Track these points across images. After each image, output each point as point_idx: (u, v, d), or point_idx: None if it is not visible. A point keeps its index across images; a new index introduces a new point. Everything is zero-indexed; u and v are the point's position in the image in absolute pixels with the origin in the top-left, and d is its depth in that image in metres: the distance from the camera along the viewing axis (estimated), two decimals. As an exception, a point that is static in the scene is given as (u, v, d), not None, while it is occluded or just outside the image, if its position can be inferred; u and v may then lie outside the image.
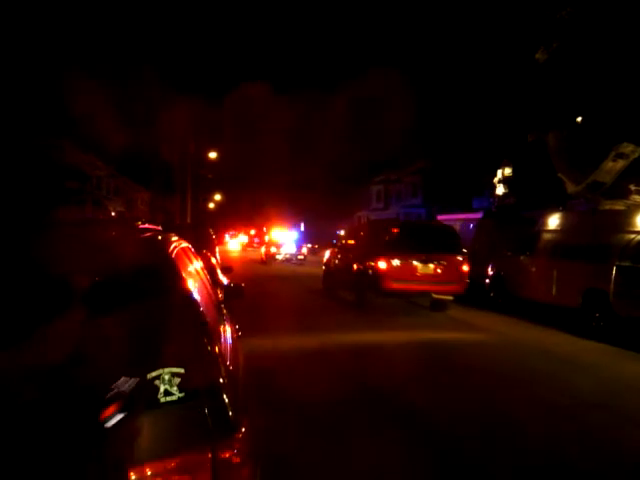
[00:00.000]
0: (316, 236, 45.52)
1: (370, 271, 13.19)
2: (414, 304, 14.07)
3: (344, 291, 15.07)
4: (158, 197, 41.78)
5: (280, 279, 21.75)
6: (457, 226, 17.48)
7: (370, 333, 10.12)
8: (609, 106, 16.72)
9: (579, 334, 10.37)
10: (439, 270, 12.92)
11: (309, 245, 40.28)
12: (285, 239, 36.58)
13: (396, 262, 12.86)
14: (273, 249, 34.54)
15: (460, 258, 13.22)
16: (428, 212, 35.72)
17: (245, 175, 59.20)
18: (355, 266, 14.16)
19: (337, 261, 16.35)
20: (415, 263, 12.86)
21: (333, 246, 18.25)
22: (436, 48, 33.54)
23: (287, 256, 33.45)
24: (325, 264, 17.82)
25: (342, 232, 18.50)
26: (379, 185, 49.77)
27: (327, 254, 18.35)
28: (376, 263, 12.95)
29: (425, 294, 13.20)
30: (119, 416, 1.69)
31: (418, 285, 12.89)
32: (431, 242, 13.37)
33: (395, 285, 12.73)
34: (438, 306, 13.29)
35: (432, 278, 12.89)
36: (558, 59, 17.98)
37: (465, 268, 13.16)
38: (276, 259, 33.04)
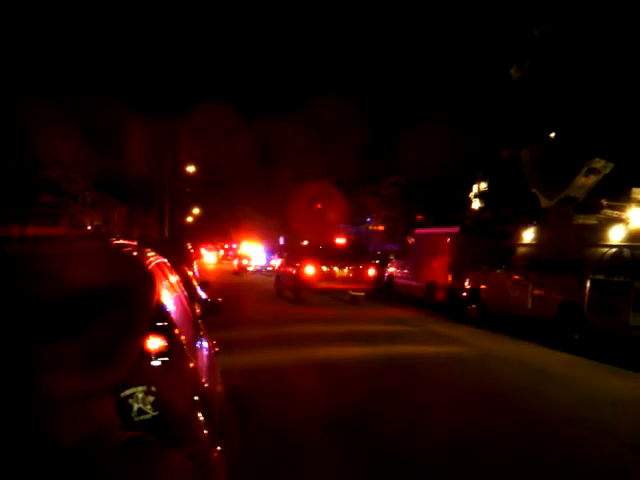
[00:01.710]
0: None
1: (303, 275, 17.39)
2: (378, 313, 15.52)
3: (288, 291, 18.69)
4: (136, 211, 41.41)
5: (248, 286, 24.73)
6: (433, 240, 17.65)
7: (346, 347, 10.10)
8: (581, 122, 17.07)
9: (555, 347, 10.49)
10: (351, 274, 17.61)
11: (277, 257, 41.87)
12: (256, 252, 39.30)
13: (321, 267, 17.36)
14: (245, 261, 37.17)
15: (367, 265, 18.27)
16: (406, 225, 35.95)
17: (223, 189, 59.30)
18: (294, 271, 18.17)
19: (283, 269, 20.27)
20: (334, 268, 17.51)
21: (282, 257, 21.85)
22: (414, 65, 34.05)
23: (257, 267, 36.38)
24: (276, 271, 21.94)
25: (305, 242, 21.90)
26: (358, 198, 49.94)
27: (277, 263, 22.43)
28: (307, 268, 17.36)
29: (342, 291, 17.75)
30: None
31: (337, 284, 17.49)
32: (346, 253, 18.30)
33: (320, 285, 17.31)
34: (355, 300, 17.64)
35: (346, 279, 17.57)
36: (531, 76, 18.36)
37: (370, 272, 18.10)
38: (247, 270, 35.58)
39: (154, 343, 2.25)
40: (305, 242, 21.46)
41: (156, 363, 2.18)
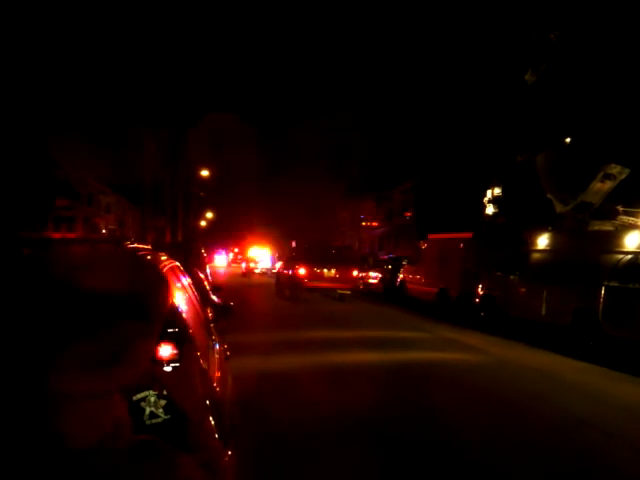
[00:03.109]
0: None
1: (297, 275, 20.24)
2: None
3: (286, 290, 20.95)
4: (150, 215, 41.77)
5: (253, 286, 27.45)
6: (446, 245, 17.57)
7: (358, 353, 10.07)
8: (597, 127, 16.92)
9: (569, 354, 10.38)
10: (338, 274, 20.30)
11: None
12: (263, 256, 42.79)
13: (311, 269, 20.18)
14: (252, 264, 40.58)
15: (351, 266, 20.95)
16: (419, 230, 35.80)
17: (236, 195, 59.78)
18: (290, 272, 21.03)
19: (282, 270, 23.27)
20: (324, 270, 20.29)
21: (282, 260, 25.37)
22: (429, 69, 33.99)
23: (263, 270, 39.50)
24: (276, 273, 25.10)
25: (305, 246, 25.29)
26: (370, 203, 49.83)
27: (278, 266, 26.23)
28: (300, 270, 20.25)
29: (330, 290, 20.31)
30: None
31: (325, 283, 20.25)
32: (334, 256, 21.15)
33: (311, 284, 20.08)
34: (342, 298, 20.07)
35: (334, 279, 20.30)
36: (546, 81, 18.24)
37: (354, 273, 20.98)
38: (254, 272, 38.52)
39: (167, 348, 2.26)
40: (305, 245, 24.28)
41: (169, 368, 2.20)
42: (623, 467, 5.00)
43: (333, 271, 20.24)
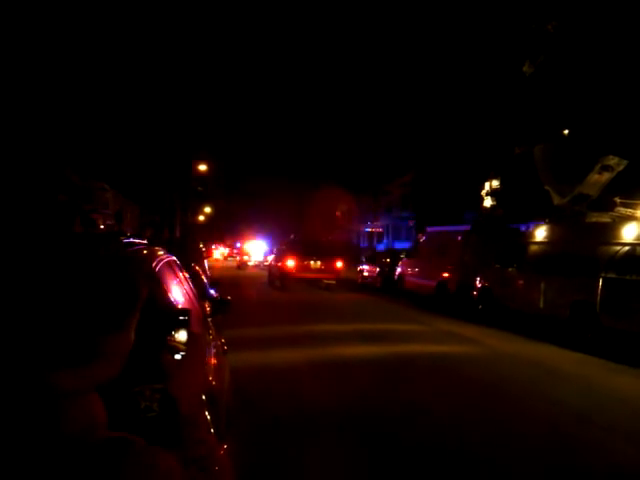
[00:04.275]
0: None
1: (286, 266, 22.00)
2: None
3: (277, 281, 22.68)
4: (148, 211, 41.78)
5: (246, 278, 29.08)
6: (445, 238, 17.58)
7: (357, 346, 10.08)
8: (595, 119, 16.91)
9: (567, 346, 10.40)
10: (323, 266, 22.11)
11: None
12: (255, 250, 44.74)
13: (299, 261, 21.85)
14: (245, 257, 43.26)
15: (335, 258, 22.63)
16: (418, 224, 35.83)
17: (235, 190, 59.94)
18: (280, 264, 22.76)
19: (273, 262, 25.18)
20: (310, 262, 21.98)
21: (275, 253, 26.79)
22: (426, 61, 33.89)
23: (256, 263, 41.23)
24: (269, 265, 26.97)
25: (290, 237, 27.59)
26: (369, 197, 49.81)
27: (270, 258, 28.35)
28: (289, 261, 22.06)
29: (317, 280, 21.97)
30: None
31: (312, 274, 22.04)
32: (320, 249, 23.39)
33: (299, 274, 21.77)
34: (328, 287, 21.53)
35: (319, 270, 22.12)
36: (544, 72, 18.22)
37: (338, 264, 22.51)
38: (248, 265, 40.78)
39: (166, 339, 2.25)
40: (294, 239, 26.19)
41: (170, 359, 2.19)
42: (620, 460, 5.01)
43: (319, 263, 22.10)
